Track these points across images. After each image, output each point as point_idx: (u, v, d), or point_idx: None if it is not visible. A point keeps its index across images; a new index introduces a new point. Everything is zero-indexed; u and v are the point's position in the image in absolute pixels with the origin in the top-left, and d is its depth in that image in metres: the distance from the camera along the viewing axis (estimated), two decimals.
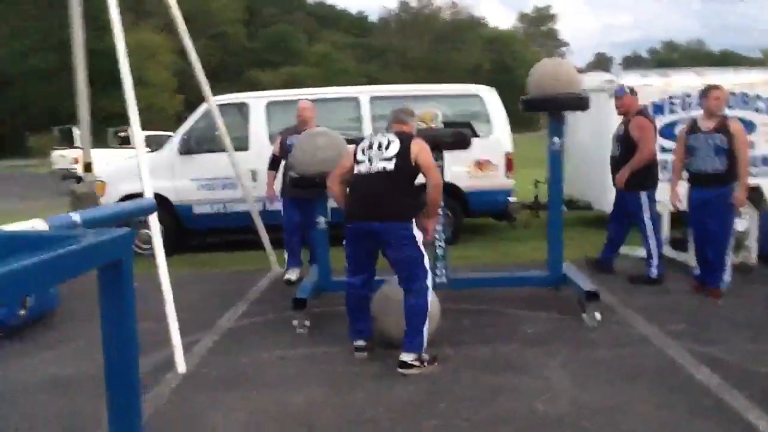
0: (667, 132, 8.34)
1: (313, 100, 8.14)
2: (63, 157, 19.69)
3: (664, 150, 8.32)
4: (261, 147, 7.81)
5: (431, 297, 4.14)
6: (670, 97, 8.35)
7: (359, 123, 7.99)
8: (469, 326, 4.81)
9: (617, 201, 6.21)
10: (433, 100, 7.81)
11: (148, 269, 4.61)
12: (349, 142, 7.56)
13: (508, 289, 5.58)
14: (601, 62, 72.66)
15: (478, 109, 8.10)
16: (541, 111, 5.71)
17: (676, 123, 8.32)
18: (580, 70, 6.73)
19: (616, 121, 8.30)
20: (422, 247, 4.10)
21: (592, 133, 8.39)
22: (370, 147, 4.18)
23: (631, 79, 8.49)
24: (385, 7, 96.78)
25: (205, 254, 7.93)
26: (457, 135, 5.19)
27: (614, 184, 6.12)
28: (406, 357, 4.00)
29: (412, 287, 4.07)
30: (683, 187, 5.64)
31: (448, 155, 5.59)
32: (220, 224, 8.00)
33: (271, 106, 8.03)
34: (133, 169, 7.76)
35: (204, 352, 4.46)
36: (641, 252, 7.13)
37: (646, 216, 5.88)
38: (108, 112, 37.69)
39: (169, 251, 7.84)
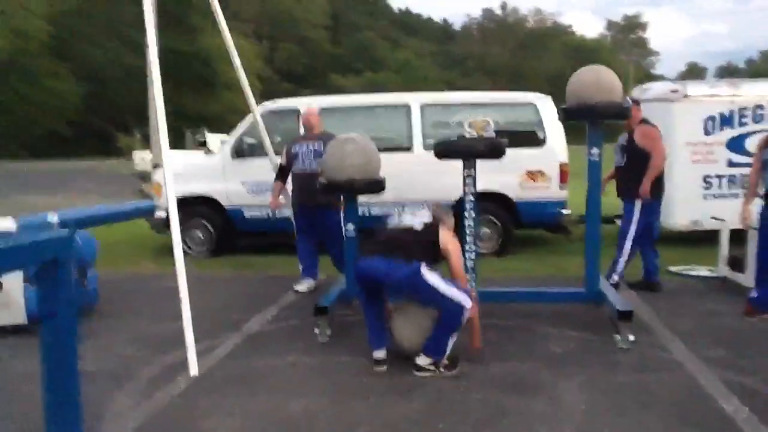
0: (736, 145, 7.91)
1: (363, 107, 8.22)
2: (143, 160, 20.46)
3: (732, 164, 7.91)
4: None
5: (467, 314, 4.04)
6: (741, 109, 7.88)
7: (409, 131, 7.91)
8: (492, 342, 4.64)
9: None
10: (487, 108, 7.63)
11: (194, 269, 4.69)
12: (397, 149, 7.65)
13: (543, 305, 5.38)
14: (694, 72, 69.73)
15: (531, 118, 7.87)
16: (579, 120, 5.47)
17: (746, 136, 7.87)
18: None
19: (683, 131, 8.01)
20: (443, 284, 4.02)
21: None
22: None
23: (697, 89, 8.09)
24: (468, 15, 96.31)
25: (250, 256, 8.02)
26: (490, 144, 5.03)
27: (618, 195, 6.02)
28: (421, 360, 4.02)
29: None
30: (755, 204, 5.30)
31: (497, 164, 5.60)
32: (269, 228, 8.09)
33: (321, 112, 8.05)
34: (190, 171, 8.08)
35: (222, 355, 4.49)
36: (697, 270, 6.78)
37: (633, 227, 5.75)
38: (197, 113, 39.09)
39: (218, 252, 8.11)
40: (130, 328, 5.11)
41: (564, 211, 7.90)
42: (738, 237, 5.94)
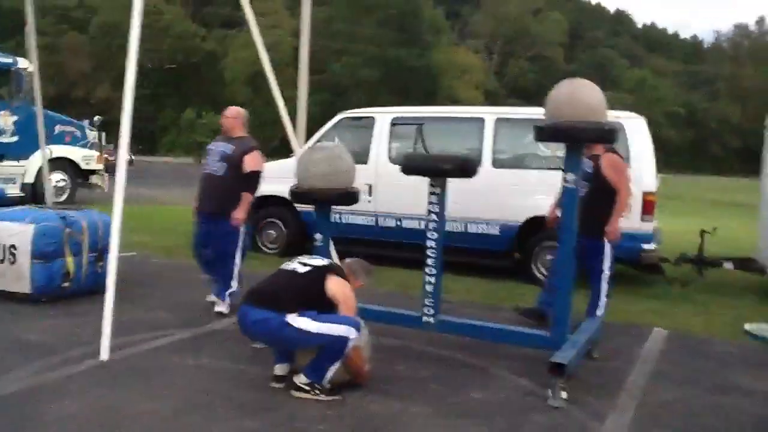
0: None
1: (436, 118, 7.93)
2: None
3: None
4: (380, 162, 7.79)
5: (351, 344, 3.74)
6: None
7: (480, 146, 7.46)
8: (415, 375, 4.22)
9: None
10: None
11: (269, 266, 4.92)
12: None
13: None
14: None
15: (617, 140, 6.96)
16: (553, 141, 4.76)
17: None
18: None
19: None
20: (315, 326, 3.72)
21: None
22: None
23: None
24: (716, 32, 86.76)
25: None
26: (459, 162, 4.58)
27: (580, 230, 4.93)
28: (299, 379, 3.80)
29: None
30: None
31: None
32: (337, 233, 8.11)
33: (396, 121, 7.92)
34: (276, 171, 8.41)
35: (154, 346, 4.60)
36: None
37: (606, 265, 5.14)
38: None
39: (289, 252, 8.30)
40: (119, 310, 5.39)
41: (648, 247, 6.90)
42: None
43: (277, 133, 6.66)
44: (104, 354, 4.29)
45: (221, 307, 5.55)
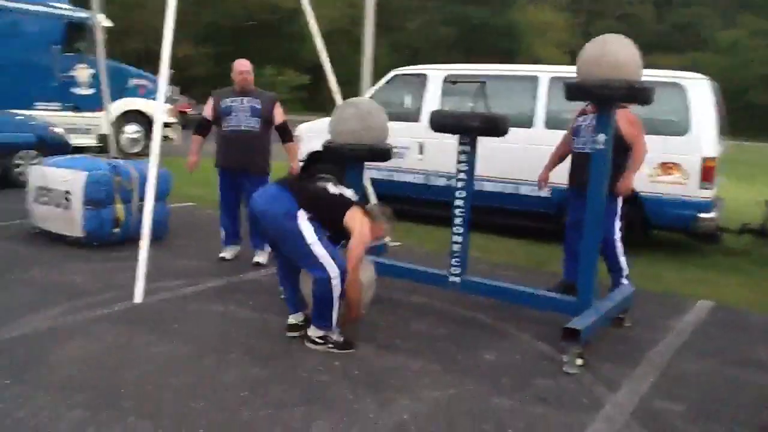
0: None
1: (489, 76, 7.72)
2: None
3: None
4: None
5: (336, 284, 3.73)
6: None
7: (533, 106, 7.25)
8: (431, 333, 4.22)
9: (578, 208, 4.76)
10: None
11: None
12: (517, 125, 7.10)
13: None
14: None
15: (676, 101, 6.63)
16: (581, 100, 4.54)
17: None
18: None
19: None
20: (312, 237, 3.72)
21: None
22: None
23: None
24: None
25: None
26: (487, 120, 4.47)
27: (575, 184, 4.94)
28: (311, 331, 3.87)
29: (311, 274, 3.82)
30: None
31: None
32: (385, 191, 8.10)
33: (448, 78, 7.77)
34: (322, 128, 8.45)
35: (184, 294, 4.77)
36: None
37: (617, 226, 4.95)
38: None
39: None
40: (159, 258, 5.61)
41: (704, 215, 6.59)
42: None
43: (354, 92, 6.72)
44: (137, 297, 4.50)
45: (260, 258, 5.68)
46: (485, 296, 4.70)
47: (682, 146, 6.54)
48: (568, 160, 5.23)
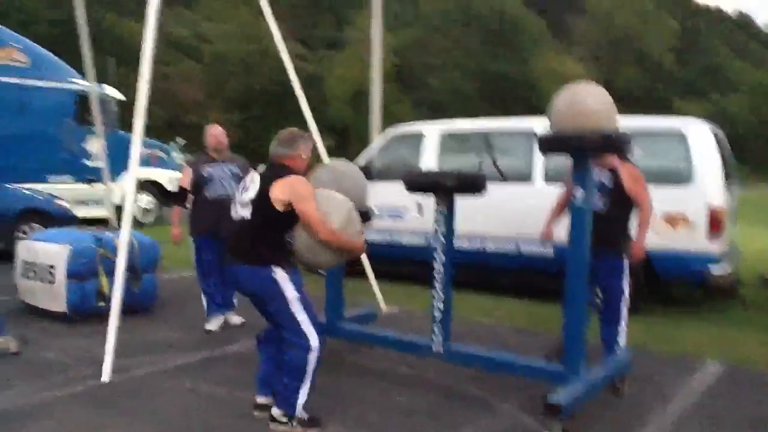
0: None
1: (485, 132, 7.60)
2: None
3: None
4: None
5: (313, 359, 3.53)
6: None
7: (530, 160, 7.06)
8: (411, 407, 3.95)
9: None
10: None
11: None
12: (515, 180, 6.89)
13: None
14: None
15: (677, 149, 6.39)
16: (554, 152, 4.34)
17: None
18: None
19: None
20: (292, 297, 3.53)
21: None
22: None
23: None
24: None
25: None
26: (464, 178, 4.29)
27: (594, 250, 4.24)
28: (275, 411, 3.62)
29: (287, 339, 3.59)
30: None
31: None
32: (386, 253, 7.91)
33: (444, 136, 7.65)
34: None
35: (157, 369, 4.57)
36: None
37: (626, 285, 4.57)
38: None
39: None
40: (142, 330, 5.49)
41: (715, 269, 6.25)
42: None
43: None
44: (105, 376, 4.32)
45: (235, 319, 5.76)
46: (468, 366, 4.42)
47: (687, 196, 6.25)
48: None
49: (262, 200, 3.50)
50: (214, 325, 5.63)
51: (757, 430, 3.72)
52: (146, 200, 13.57)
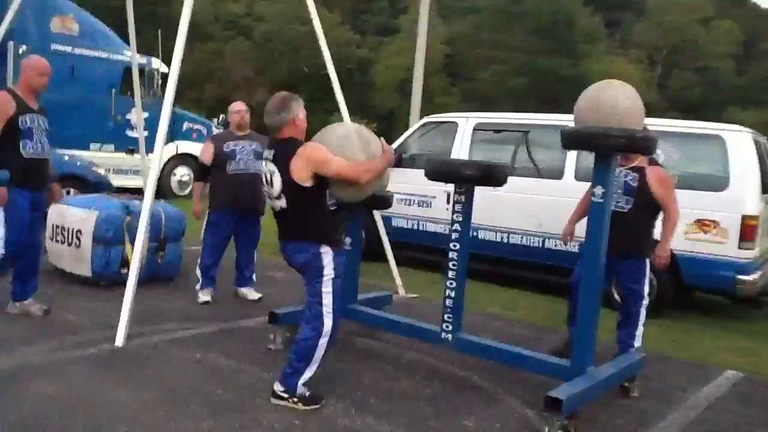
0: None
1: (519, 125, 7.50)
2: None
3: None
4: None
5: (323, 344, 3.61)
6: None
7: (562, 156, 6.94)
8: (415, 393, 3.95)
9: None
10: (663, 138, 6.24)
11: None
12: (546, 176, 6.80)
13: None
14: None
15: (715, 154, 6.22)
16: (578, 149, 4.25)
17: None
18: None
19: None
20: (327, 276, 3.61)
21: None
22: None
23: None
24: None
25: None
26: (484, 169, 4.24)
27: (619, 248, 4.25)
28: (277, 386, 3.67)
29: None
30: None
31: None
32: (412, 240, 7.91)
33: (478, 127, 7.58)
34: None
35: (169, 338, 4.65)
36: None
37: (646, 290, 4.56)
38: None
39: (367, 257, 8.13)
40: (160, 299, 5.59)
41: (744, 278, 6.08)
42: None
43: None
44: (119, 341, 4.41)
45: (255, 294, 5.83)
46: (475, 356, 4.39)
47: (721, 202, 6.10)
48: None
49: (290, 187, 3.53)
50: (208, 296, 5.66)
51: None
52: (183, 173, 13.75)
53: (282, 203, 3.59)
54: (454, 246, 4.36)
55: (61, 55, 11.37)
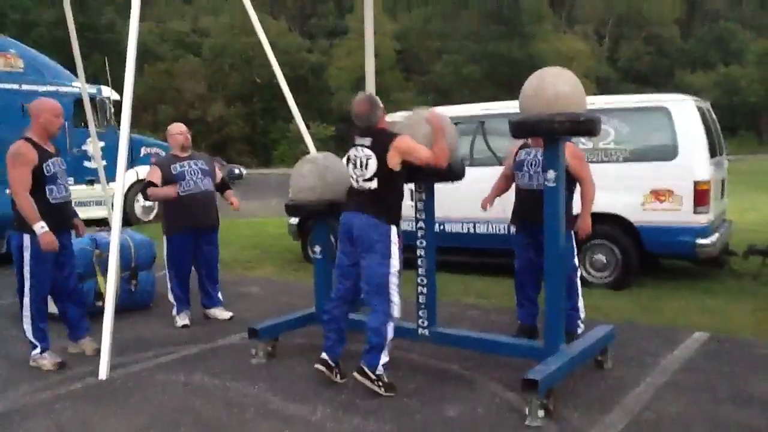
0: None
1: (470, 117, 7.59)
2: None
3: None
4: None
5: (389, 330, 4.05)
6: None
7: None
8: (399, 389, 4.06)
9: (527, 249, 4.86)
10: (609, 113, 6.44)
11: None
12: None
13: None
14: None
15: (662, 125, 6.41)
16: (527, 137, 4.42)
17: None
18: None
19: None
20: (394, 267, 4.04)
21: None
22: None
23: None
24: None
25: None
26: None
27: (527, 222, 4.76)
28: (364, 366, 3.99)
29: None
30: None
31: (613, 181, 5.87)
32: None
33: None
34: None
35: (153, 364, 4.70)
36: None
37: (576, 261, 4.89)
38: None
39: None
40: (138, 327, 5.64)
41: (703, 241, 6.30)
42: None
43: None
44: (102, 373, 4.45)
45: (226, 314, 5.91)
46: (453, 347, 4.52)
47: (673, 171, 6.30)
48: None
49: (384, 171, 4.06)
50: (186, 319, 5.73)
51: (734, 403, 3.78)
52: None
53: (373, 184, 4.09)
54: (421, 243, 4.49)
55: (8, 93, 11.23)
